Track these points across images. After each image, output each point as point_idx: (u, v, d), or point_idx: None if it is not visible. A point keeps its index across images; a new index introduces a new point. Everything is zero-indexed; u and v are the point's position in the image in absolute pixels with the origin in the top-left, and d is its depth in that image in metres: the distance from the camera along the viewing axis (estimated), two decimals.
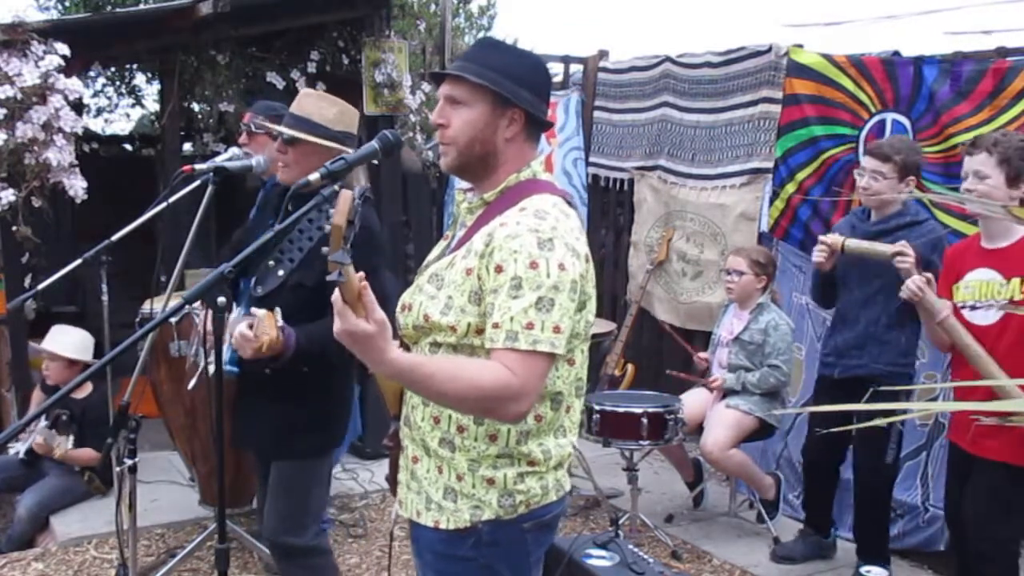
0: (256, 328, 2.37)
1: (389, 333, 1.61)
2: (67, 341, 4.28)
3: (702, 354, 4.43)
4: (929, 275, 3.04)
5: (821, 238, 3.53)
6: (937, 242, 3.37)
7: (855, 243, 3.40)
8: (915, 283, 3.00)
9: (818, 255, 3.52)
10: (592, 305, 1.83)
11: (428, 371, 1.65)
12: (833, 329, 3.73)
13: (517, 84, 1.81)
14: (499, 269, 1.70)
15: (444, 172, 1.95)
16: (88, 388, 4.23)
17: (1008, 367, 2.76)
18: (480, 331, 1.75)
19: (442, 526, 1.84)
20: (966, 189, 2.91)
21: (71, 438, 4.10)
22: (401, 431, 1.95)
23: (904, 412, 3.18)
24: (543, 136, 2.00)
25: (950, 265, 3.10)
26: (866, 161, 3.52)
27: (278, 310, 2.44)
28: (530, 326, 1.66)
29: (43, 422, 4.10)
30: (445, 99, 1.84)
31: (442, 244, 1.97)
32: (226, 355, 2.69)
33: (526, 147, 1.87)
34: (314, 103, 2.71)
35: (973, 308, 2.95)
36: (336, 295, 1.56)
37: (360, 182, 2.72)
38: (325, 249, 1.53)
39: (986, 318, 2.91)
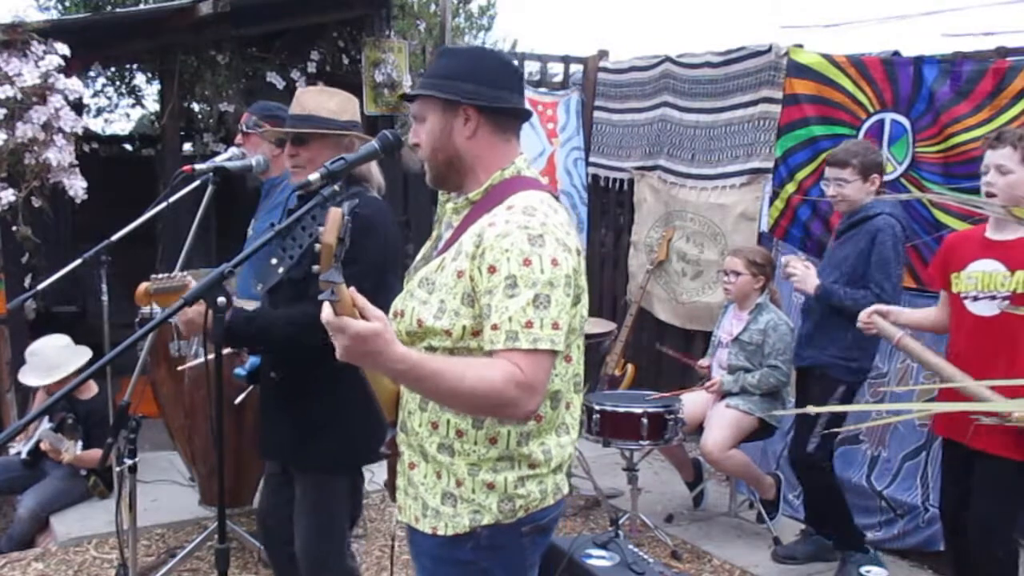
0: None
1: (391, 329, 1.58)
2: (40, 365, 4.10)
3: (702, 361, 4.43)
4: (880, 307, 3.11)
5: (781, 259, 3.86)
6: (876, 233, 3.46)
7: (791, 264, 3.68)
8: (862, 318, 3.10)
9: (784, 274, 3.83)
10: (585, 299, 1.83)
11: (435, 368, 1.62)
12: (801, 322, 3.88)
13: (460, 80, 1.79)
14: (492, 269, 1.69)
15: (432, 188, 1.94)
16: (93, 389, 4.19)
17: (1009, 359, 2.76)
18: (476, 333, 1.73)
19: (440, 532, 1.82)
20: (987, 182, 2.90)
21: (79, 443, 4.06)
22: (398, 437, 1.94)
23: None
24: (544, 136, 2.00)
25: (952, 253, 3.07)
26: (828, 171, 3.61)
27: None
28: (529, 325, 1.65)
29: (46, 424, 4.09)
30: (414, 118, 1.86)
31: (428, 245, 1.96)
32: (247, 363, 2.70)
33: (497, 141, 1.84)
34: (314, 98, 2.68)
35: (975, 299, 2.93)
36: (327, 312, 1.52)
37: (377, 179, 2.70)
38: (316, 268, 1.50)
39: (988, 309, 2.89)
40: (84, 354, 4.19)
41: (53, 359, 4.13)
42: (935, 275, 3.16)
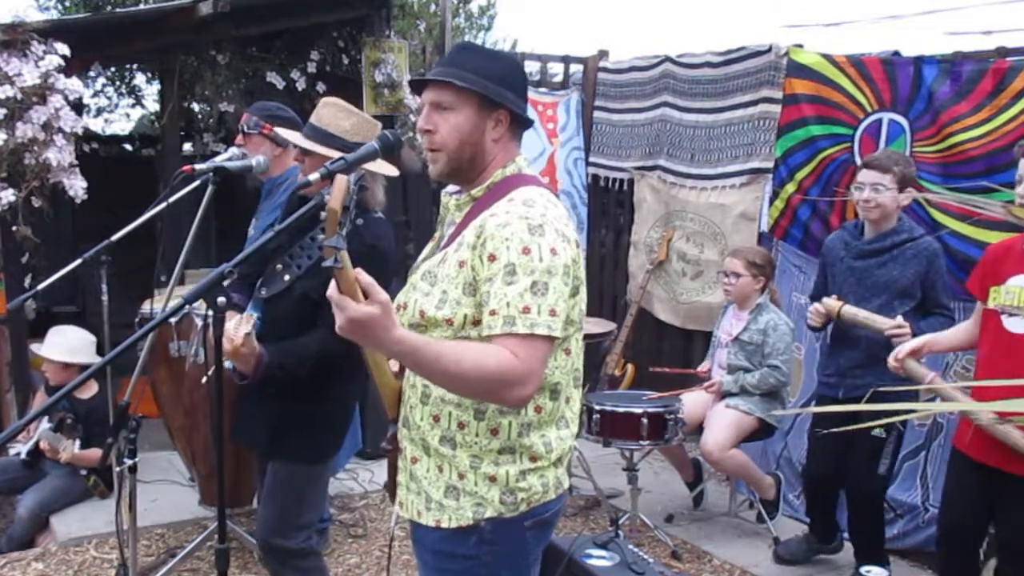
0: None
1: (393, 312, 1.61)
2: (61, 343, 4.22)
3: (702, 366, 4.44)
4: (915, 343, 2.99)
5: (815, 305, 3.58)
6: (932, 258, 3.41)
7: (851, 312, 3.43)
8: (893, 362, 2.98)
9: (812, 320, 3.58)
10: (584, 292, 1.85)
11: (435, 351, 1.65)
12: (833, 348, 3.68)
13: (500, 85, 1.84)
14: (492, 257, 1.73)
15: (433, 178, 1.96)
16: (93, 389, 4.21)
17: None
18: (476, 323, 1.76)
19: (444, 525, 1.84)
20: (1019, 194, 2.79)
21: (77, 442, 4.07)
22: (399, 432, 1.96)
23: (895, 416, 3.14)
24: (544, 136, 2.02)
25: (990, 266, 2.98)
26: (864, 175, 3.48)
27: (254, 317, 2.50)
28: (526, 310, 1.68)
29: (46, 424, 4.09)
30: (430, 105, 1.86)
31: (431, 245, 1.99)
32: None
33: (511, 146, 1.91)
34: (331, 114, 2.70)
35: (1011, 316, 2.80)
36: (332, 287, 1.56)
37: (378, 197, 2.72)
38: (321, 236, 1.53)
39: (1023, 326, 2.78)
40: (89, 357, 4.25)
41: (76, 344, 4.24)
42: (975, 286, 3.05)
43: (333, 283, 1.56)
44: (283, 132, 3.26)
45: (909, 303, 3.44)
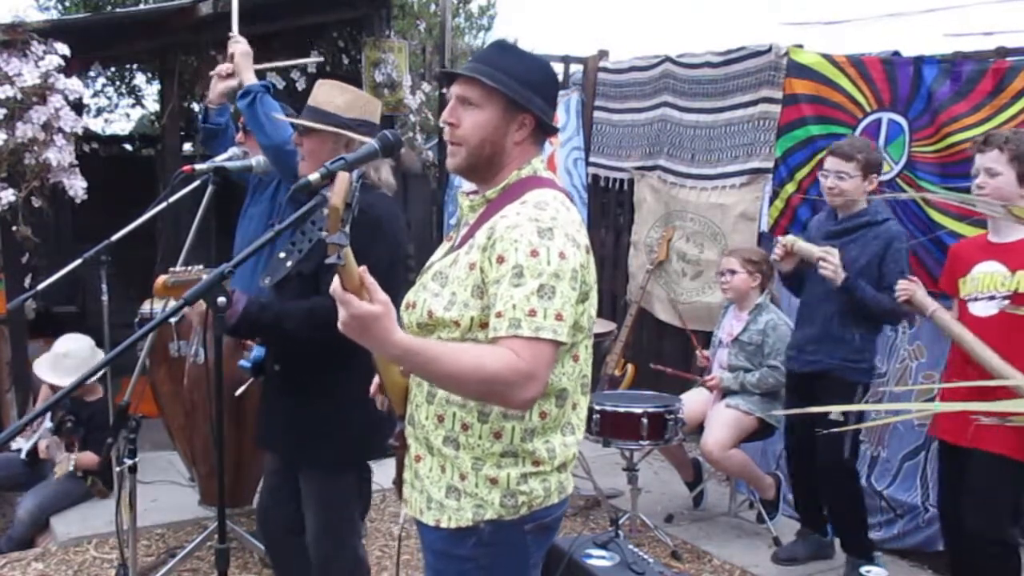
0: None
1: (394, 314, 1.60)
2: (67, 365, 4.07)
3: (707, 351, 4.43)
4: (914, 278, 3.16)
5: (779, 238, 3.69)
6: (890, 241, 3.46)
7: (801, 245, 3.56)
8: (900, 286, 3.16)
9: (777, 256, 3.68)
10: (594, 297, 1.84)
11: (433, 353, 1.64)
12: (797, 324, 3.81)
13: (530, 90, 1.83)
14: (500, 259, 1.72)
15: (450, 171, 1.95)
16: (99, 392, 4.17)
17: (1004, 359, 2.76)
18: (484, 325, 1.75)
19: (443, 525, 1.84)
20: (977, 185, 2.95)
21: (72, 459, 4.04)
22: (406, 430, 1.96)
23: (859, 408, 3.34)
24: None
25: (957, 261, 3.13)
26: (830, 162, 3.58)
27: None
28: (532, 313, 1.67)
29: (48, 424, 4.08)
30: (457, 99, 1.85)
31: (446, 245, 1.98)
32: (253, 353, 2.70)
33: (532, 149, 1.90)
34: (325, 92, 2.67)
35: (975, 300, 2.99)
36: (336, 283, 1.55)
37: (387, 181, 2.68)
38: (323, 233, 1.53)
39: (986, 309, 2.95)
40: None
41: (81, 364, 4.06)
42: (946, 284, 3.22)
43: (337, 280, 1.55)
44: None
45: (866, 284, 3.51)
